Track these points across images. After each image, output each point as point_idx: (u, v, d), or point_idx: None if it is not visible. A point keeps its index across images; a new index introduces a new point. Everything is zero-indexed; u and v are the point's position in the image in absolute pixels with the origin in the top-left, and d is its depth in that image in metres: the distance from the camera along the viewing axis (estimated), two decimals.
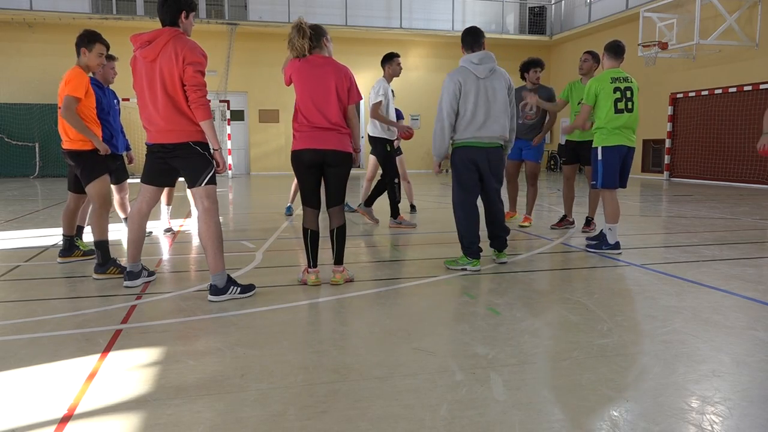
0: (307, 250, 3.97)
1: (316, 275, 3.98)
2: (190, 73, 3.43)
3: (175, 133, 3.55)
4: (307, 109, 3.82)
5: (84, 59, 4.29)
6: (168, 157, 3.66)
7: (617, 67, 5.18)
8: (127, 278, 3.91)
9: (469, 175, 4.43)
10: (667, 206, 9.48)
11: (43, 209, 8.84)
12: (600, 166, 5.08)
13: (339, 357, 2.66)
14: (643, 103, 16.81)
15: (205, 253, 3.66)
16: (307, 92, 3.81)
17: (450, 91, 4.35)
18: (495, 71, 4.41)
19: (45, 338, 2.92)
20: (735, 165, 14.06)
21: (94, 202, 4.27)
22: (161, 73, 3.46)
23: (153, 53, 3.47)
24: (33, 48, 17.34)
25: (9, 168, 17.18)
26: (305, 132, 3.83)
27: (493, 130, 4.38)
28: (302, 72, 3.83)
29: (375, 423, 2.02)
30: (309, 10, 18.26)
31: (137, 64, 3.58)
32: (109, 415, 2.10)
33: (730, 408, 2.14)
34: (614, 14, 17.10)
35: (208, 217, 3.62)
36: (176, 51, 3.42)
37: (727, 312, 3.35)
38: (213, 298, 3.62)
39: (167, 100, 3.49)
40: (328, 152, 3.83)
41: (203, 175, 3.61)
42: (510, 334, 2.98)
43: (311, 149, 3.83)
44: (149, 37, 3.48)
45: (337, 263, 4.04)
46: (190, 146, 3.59)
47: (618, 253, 5.05)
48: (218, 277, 3.63)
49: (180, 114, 3.52)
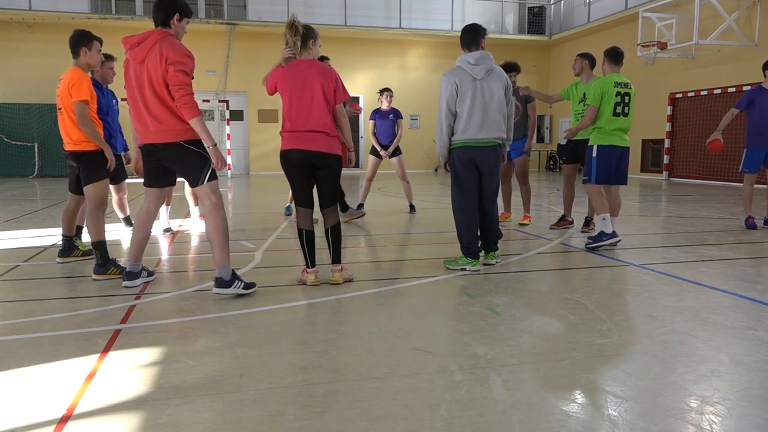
0: (304, 250, 3.97)
1: (315, 275, 3.98)
2: (172, 72, 3.45)
3: (164, 132, 3.56)
4: (294, 115, 3.84)
5: (85, 58, 4.28)
6: (161, 158, 3.68)
7: (618, 72, 5.40)
8: (127, 278, 3.90)
9: (468, 175, 4.43)
10: (666, 206, 9.48)
11: (42, 209, 8.84)
12: (594, 162, 5.33)
13: (338, 357, 2.66)
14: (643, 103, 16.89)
15: (211, 246, 3.68)
16: (295, 98, 3.82)
17: (447, 93, 4.36)
18: (492, 71, 4.40)
19: (44, 338, 2.92)
20: (734, 165, 14.04)
21: (90, 203, 4.27)
22: (149, 73, 3.49)
23: (141, 54, 3.51)
24: (32, 48, 17.33)
25: (8, 168, 17.17)
26: (293, 134, 3.85)
27: (491, 132, 4.38)
28: (286, 78, 3.85)
29: (374, 423, 2.03)
30: (308, 10, 18.26)
31: (128, 66, 3.61)
32: (109, 415, 2.10)
33: (729, 408, 2.14)
34: (613, 14, 17.11)
35: (216, 211, 3.66)
36: (161, 51, 3.45)
37: (726, 312, 3.36)
38: (218, 291, 3.63)
39: (156, 100, 3.52)
40: (315, 154, 3.84)
41: (203, 174, 3.64)
42: (509, 334, 2.98)
43: (298, 149, 3.84)
44: (139, 39, 3.53)
45: (335, 262, 4.04)
46: (181, 146, 3.59)
47: (618, 240, 5.22)
48: (224, 270, 3.64)
49: (169, 113, 3.54)
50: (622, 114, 5.28)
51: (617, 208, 5.58)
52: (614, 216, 5.51)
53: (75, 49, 4.26)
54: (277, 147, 4.32)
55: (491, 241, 4.63)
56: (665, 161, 16.03)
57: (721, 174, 14.44)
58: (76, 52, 4.27)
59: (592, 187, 5.36)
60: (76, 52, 4.26)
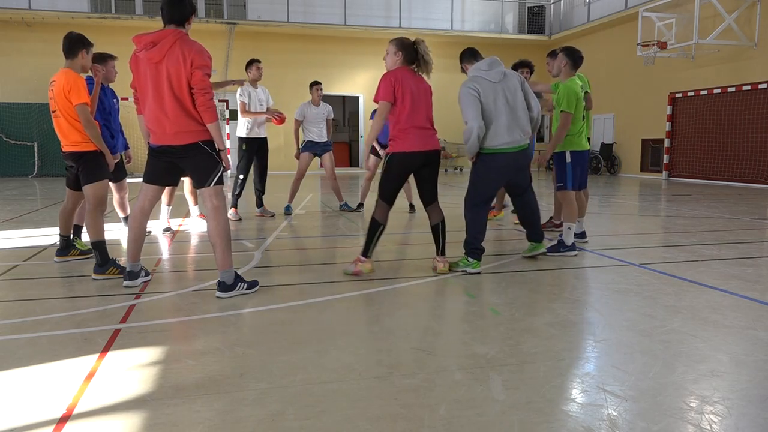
0: (374, 242, 4.29)
1: (372, 263, 4.30)
2: (199, 76, 3.45)
3: (184, 134, 3.56)
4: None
5: (82, 61, 4.28)
6: (176, 158, 3.67)
7: (576, 72, 5.33)
8: (128, 278, 3.90)
9: (489, 185, 4.50)
10: (666, 206, 9.48)
11: (41, 209, 8.83)
12: (569, 168, 5.25)
13: (338, 356, 2.66)
14: (643, 103, 16.92)
15: (213, 250, 3.67)
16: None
17: (471, 103, 4.28)
18: (506, 73, 4.44)
19: (43, 338, 2.92)
20: (734, 164, 14.08)
21: (89, 203, 4.26)
22: (168, 75, 3.45)
23: (158, 55, 3.45)
24: (32, 47, 17.31)
25: (7, 167, 17.17)
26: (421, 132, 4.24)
27: (518, 133, 4.41)
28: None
29: (374, 422, 2.02)
30: (308, 10, 18.26)
31: (140, 65, 3.55)
32: (108, 414, 2.10)
33: (728, 407, 2.14)
34: (613, 14, 17.10)
35: (218, 215, 3.64)
36: (183, 54, 3.42)
37: (726, 311, 3.36)
38: (221, 295, 3.64)
39: (175, 102, 3.49)
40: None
41: (212, 176, 3.64)
42: (509, 333, 2.98)
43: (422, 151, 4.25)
44: (153, 39, 3.46)
45: (443, 254, 4.40)
46: (199, 146, 3.60)
47: (574, 254, 5.01)
48: (227, 274, 3.65)
49: (188, 116, 3.52)
50: (583, 116, 5.27)
51: (584, 209, 5.71)
52: (581, 216, 5.62)
53: (73, 50, 4.23)
54: (276, 146, 4.35)
55: (536, 230, 4.81)
56: (665, 161, 16.04)
57: (721, 174, 14.45)
58: (73, 54, 4.23)
59: (569, 194, 5.21)
60: (74, 54, 4.23)
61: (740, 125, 13.89)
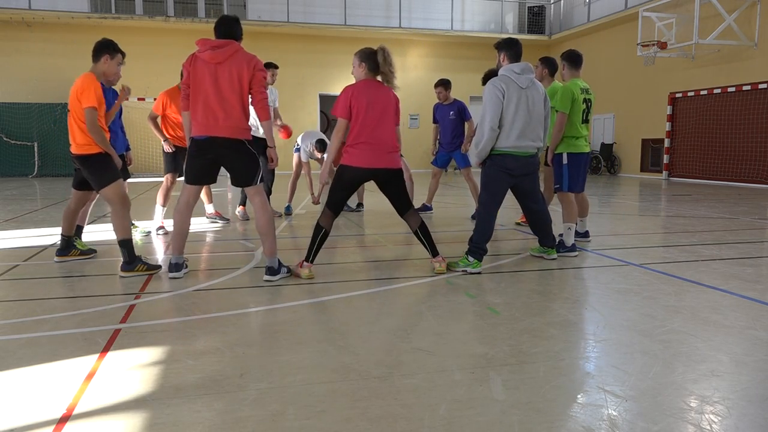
0: (317, 247, 4.19)
1: (310, 270, 4.19)
2: (260, 78, 3.99)
3: (232, 129, 3.95)
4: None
5: (103, 66, 4.30)
6: (220, 154, 3.98)
7: (579, 77, 5.33)
8: (174, 269, 4.14)
9: (500, 186, 4.52)
10: (666, 206, 9.48)
11: (41, 209, 8.83)
12: (565, 170, 5.26)
13: (338, 356, 2.66)
14: (643, 103, 16.93)
15: (262, 240, 4.09)
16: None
17: (494, 100, 4.34)
18: (534, 82, 4.47)
19: (44, 338, 2.92)
20: (734, 164, 14.08)
21: (114, 204, 4.29)
22: (231, 75, 3.93)
23: (222, 57, 3.92)
24: (32, 47, 17.33)
25: (7, 167, 17.17)
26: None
27: (531, 140, 4.43)
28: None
29: (374, 422, 2.02)
30: (308, 9, 18.26)
31: (197, 65, 3.96)
32: (108, 414, 2.10)
33: (728, 407, 2.14)
34: (613, 14, 17.11)
35: (266, 208, 4.11)
36: (248, 60, 3.97)
37: (726, 311, 3.36)
38: (269, 278, 4.06)
39: (236, 98, 3.94)
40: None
41: (257, 175, 4.06)
42: (509, 333, 2.98)
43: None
44: (218, 44, 3.95)
45: (436, 255, 4.39)
46: (244, 145, 4.00)
47: (575, 255, 5.02)
48: (274, 260, 4.09)
49: (241, 112, 3.97)
50: (585, 120, 5.28)
51: (587, 208, 5.70)
52: (584, 216, 5.63)
53: (97, 54, 4.29)
54: (277, 146, 4.35)
55: (547, 237, 4.80)
56: (665, 161, 16.04)
57: (721, 174, 14.45)
58: (97, 58, 4.29)
59: (567, 195, 5.25)
60: (97, 58, 4.29)
61: (740, 125, 13.89)
